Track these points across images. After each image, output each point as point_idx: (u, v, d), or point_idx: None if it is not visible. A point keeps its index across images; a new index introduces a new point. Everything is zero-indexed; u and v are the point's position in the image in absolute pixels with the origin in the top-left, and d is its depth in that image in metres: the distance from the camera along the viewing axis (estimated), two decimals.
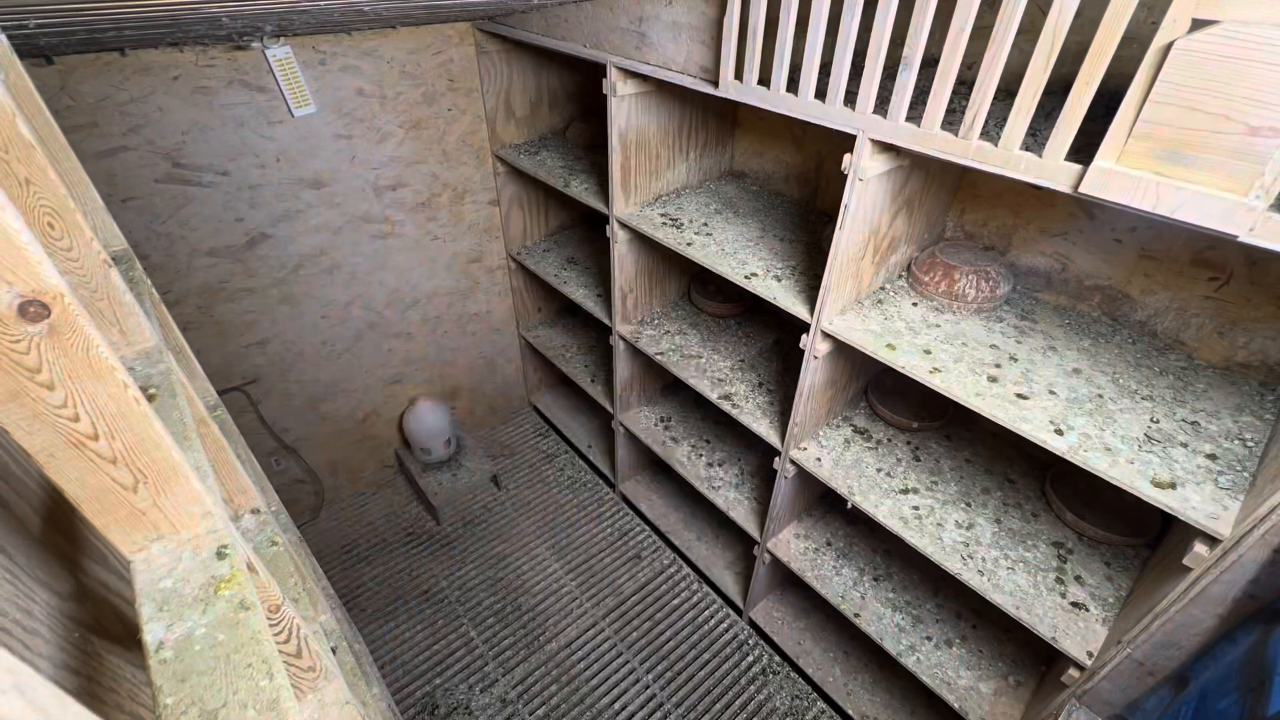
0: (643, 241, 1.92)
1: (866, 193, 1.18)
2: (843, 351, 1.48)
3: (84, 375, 0.43)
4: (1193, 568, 0.94)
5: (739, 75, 1.25)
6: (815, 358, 1.41)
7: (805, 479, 1.72)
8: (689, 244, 1.64)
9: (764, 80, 1.22)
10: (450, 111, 2.09)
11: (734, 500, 2.00)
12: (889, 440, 1.64)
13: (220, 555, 0.53)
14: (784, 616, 2.12)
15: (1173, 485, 0.99)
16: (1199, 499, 0.96)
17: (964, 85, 1.30)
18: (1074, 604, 1.25)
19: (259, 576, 0.59)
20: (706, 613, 2.22)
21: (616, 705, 1.97)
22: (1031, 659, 1.55)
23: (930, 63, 1.34)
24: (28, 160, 0.64)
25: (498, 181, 2.34)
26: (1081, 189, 0.84)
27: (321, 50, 1.75)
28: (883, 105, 1.06)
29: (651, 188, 1.84)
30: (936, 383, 1.19)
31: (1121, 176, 0.80)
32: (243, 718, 0.45)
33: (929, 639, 1.60)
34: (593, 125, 2.23)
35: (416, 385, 2.59)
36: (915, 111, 1.02)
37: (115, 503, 0.48)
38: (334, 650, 1.15)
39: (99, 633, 0.61)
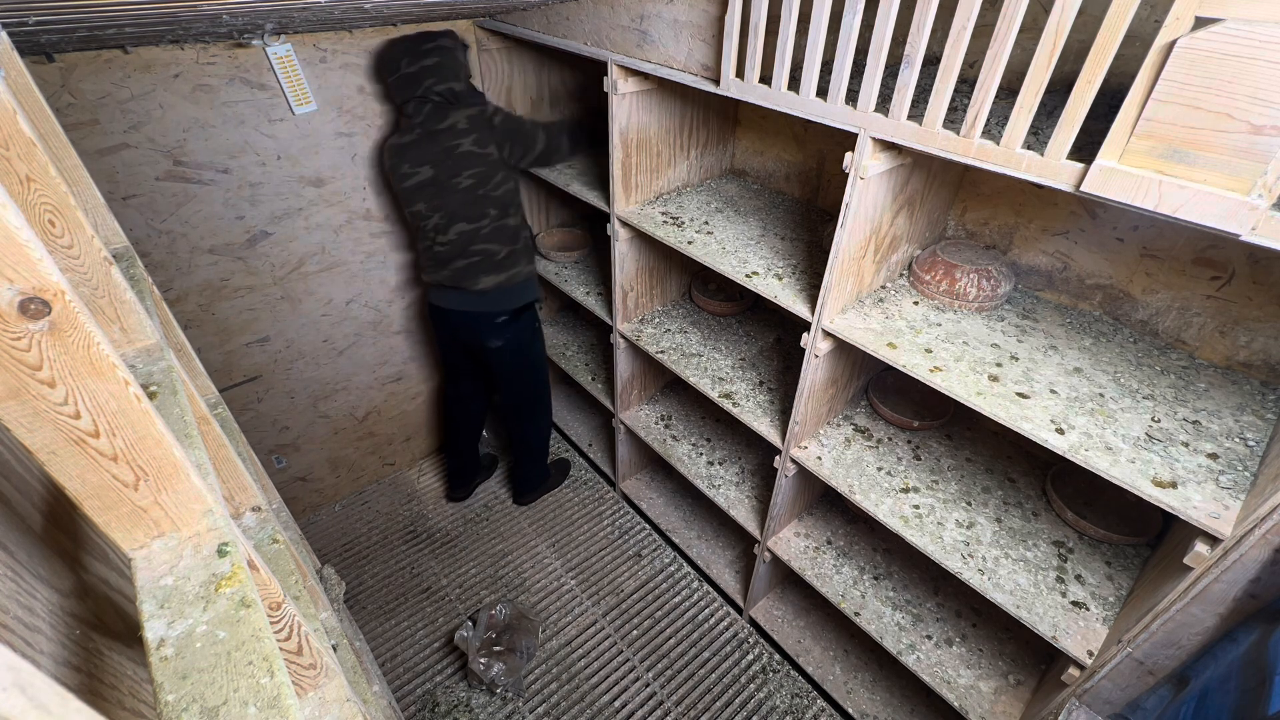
0: (644, 240, 1.92)
1: (868, 191, 1.18)
2: (844, 350, 1.48)
3: (85, 373, 0.43)
4: (1194, 567, 0.94)
5: (740, 73, 1.25)
6: (816, 356, 1.40)
7: (806, 478, 1.72)
8: (690, 242, 1.64)
9: (765, 78, 1.22)
10: None
11: (734, 499, 2.00)
12: (890, 439, 1.64)
13: (221, 553, 0.53)
14: (784, 615, 2.13)
15: (1174, 484, 0.98)
16: (1200, 498, 0.96)
17: (966, 84, 1.30)
18: (1074, 603, 1.25)
19: (260, 574, 0.59)
20: (707, 611, 2.23)
21: (617, 703, 1.97)
22: (1032, 658, 1.55)
23: (932, 61, 1.35)
24: (28, 157, 0.64)
25: None
26: (1083, 188, 0.84)
27: (322, 48, 1.75)
28: (884, 104, 1.06)
29: (652, 186, 1.84)
30: (937, 381, 1.19)
31: (1123, 175, 0.80)
32: (244, 715, 0.45)
33: (929, 638, 1.60)
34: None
35: (418, 383, 2.59)
36: (917, 110, 1.02)
37: (116, 500, 0.48)
38: (335, 648, 1.15)
39: (100, 630, 0.61)
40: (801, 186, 1.88)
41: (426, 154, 1.75)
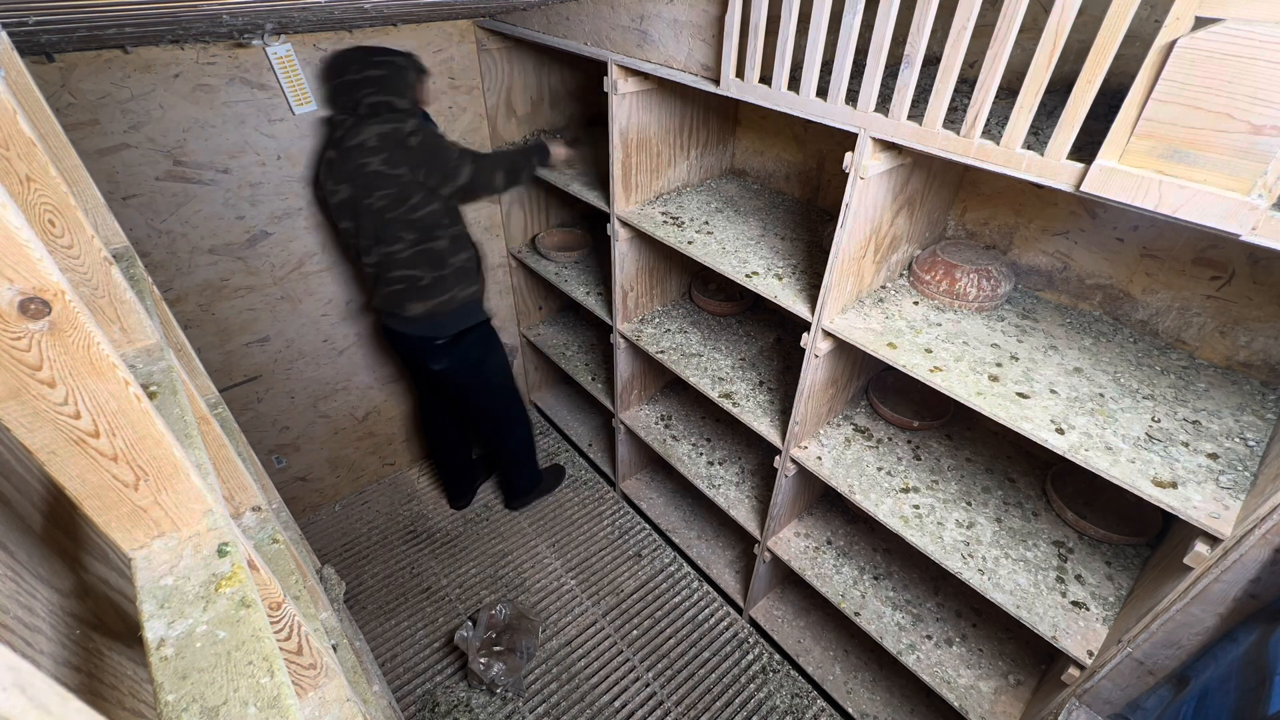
0: (644, 240, 1.92)
1: (868, 191, 1.18)
2: (844, 350, 1.48)
3: (85, 372, 0.43)
4: (1194, 567, 0.94)
5: (740, 73, 1.25)
6: (816, 356, 1.40)
7: (806, 478, 1.72)
8: (690, 242, 1.64)
9: (765, 78, 1.22)
10: (451, 109, 2.09)
11: (734, 499, 2.00)
12: (889, 439, 1.64)
13: (221, 553, 0.53)
14: (784, 615, 2.13)
15: (1174, 484, 0.98)
16: (1200, 498, 0.96)
17: (966, 84, 1.30)
18: (1074, 603, 1.25)
19: (260, 574, 0.59)
20: (707, 611, 2.23)
21: (617, 703, 1.97)
22: (1032, 658, 1.55)
23: (932, 61, 1.35)
24: (29, 157, 0.64)
25: None
26: (1083, 188, 0.84)
27: (322, 48, 1.75)
28: (884, 104, 1.06)
29: (652, 186, 1.84)
30: (937, 381, 1.19)
31: (1124, 175, 0.80)
32: (244, 715, 0.45)
33: (929, 638, 1.60)
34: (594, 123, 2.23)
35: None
36: (917, 110, 1.02)
37: (116, 500, 0.48)
38: (335, 648, 1.15)
39: (100, 630, 0.61)
40: (801, 186, 1.88)
41: (344, 171, 1.65)
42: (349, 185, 1.66)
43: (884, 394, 1.70)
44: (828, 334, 1.37)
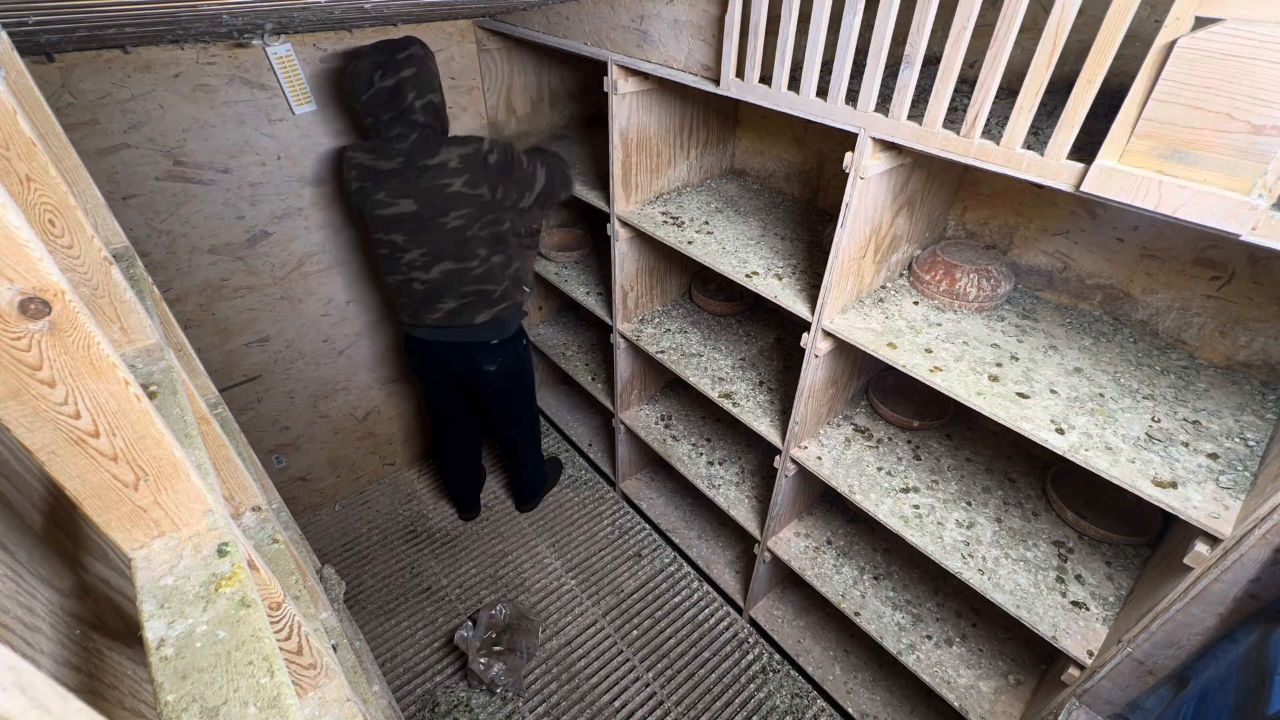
0: (644, 240, 1.92)
1: (868, 191, 1.18)
2: (844, 350, 1.48)
3: (85, 372, 0.43)
4: (1194, 567, 0.94)
5: (740, 73, 1.25)
6: (816, 356, 1.40)
7: (806, 478, 1.72)
8: (690, 242, 1.64)
9: (765, 78, 1.22)
10: (451, 109, 2.09)
11: (734, 499, 2.00)
12: (890, 439, 1.64)
13: (221, 553, 0.53)
14: (784, 615, 2.13)
15: (1174, 484, 0.98)
16: (1200, 498, 0.96)
17: (966, 84, 1.30)
18: (1074, 603, 1.25)
19: (260, 574, 0.59)
20: (707, 611, 2.23)
21: (617, 703, 1.97)
22: (1032, 658, 1.55)
23: (932, 61, 1.35)
24: (29, 157, 0.64)
25: None
26: (1083, 188, 0.84)
27: (322, 48, 1.75)
28: (884, 104, 1.06)
29: (652, 186, 1.84)
30: (937, 381, 1.19)
31: (1124, 175, 0.80)
32: (244, 715, 0.45)
33: (929, 638, 1.60)
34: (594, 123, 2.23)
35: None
36: (917, 110, 1.02)
37: (116, 500, 0.48)
38: (335, 648, 1.15)
39: (100, 630, 0.61)
40: (801, 186, 1.88)
41: (410, 188, 1.61)
42: (414, 201, 1.63)
43: (884, 394, 1.71)
44: (828, 334, 1.37)
